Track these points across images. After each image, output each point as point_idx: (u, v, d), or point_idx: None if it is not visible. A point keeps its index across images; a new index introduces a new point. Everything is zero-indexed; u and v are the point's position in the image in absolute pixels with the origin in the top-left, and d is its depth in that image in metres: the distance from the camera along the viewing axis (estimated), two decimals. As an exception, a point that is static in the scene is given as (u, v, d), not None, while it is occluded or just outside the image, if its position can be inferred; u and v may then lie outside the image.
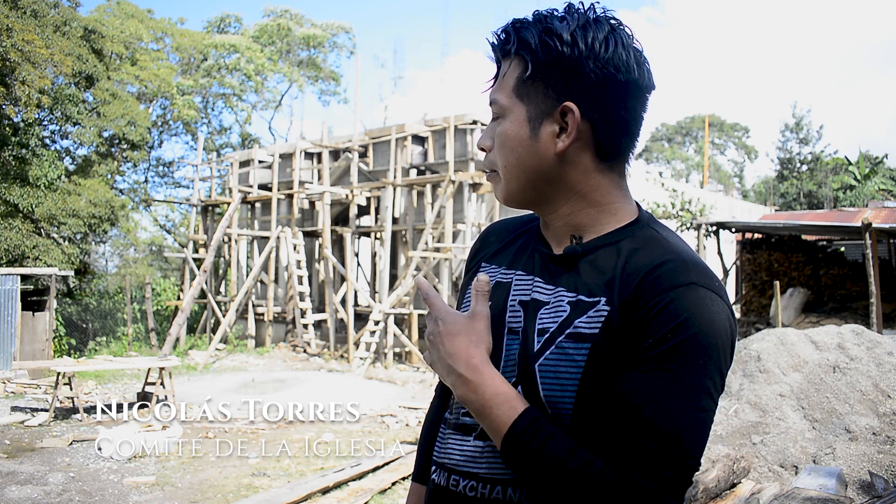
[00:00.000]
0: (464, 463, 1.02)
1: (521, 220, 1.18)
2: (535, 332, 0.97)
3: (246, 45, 25.99)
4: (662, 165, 44.58)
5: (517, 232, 1.14)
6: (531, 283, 1.02)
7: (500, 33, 1.00)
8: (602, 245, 0.98)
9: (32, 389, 10.07)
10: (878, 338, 5.87)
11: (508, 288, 1.04)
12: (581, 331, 0.92)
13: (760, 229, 16.03)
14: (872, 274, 10.26)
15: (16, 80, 12.86)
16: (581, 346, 0.91)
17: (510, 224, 1.18)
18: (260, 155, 17.84)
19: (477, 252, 1.18)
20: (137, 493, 5.40)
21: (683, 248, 0.95)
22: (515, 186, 1.02)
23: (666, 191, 19.88)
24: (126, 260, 27.77)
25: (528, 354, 0.96)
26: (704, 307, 0.86)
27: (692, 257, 0.92)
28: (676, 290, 0.86)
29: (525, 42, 0.97)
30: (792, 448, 4.68)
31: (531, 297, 1.01)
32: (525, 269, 1.05)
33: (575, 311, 0.94)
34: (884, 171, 27.87)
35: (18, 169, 15.02)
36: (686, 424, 0.84)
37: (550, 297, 0.99)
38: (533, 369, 0.94)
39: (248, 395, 9.79)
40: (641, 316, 0.87)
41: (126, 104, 18.19)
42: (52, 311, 12.40)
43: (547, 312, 0.98)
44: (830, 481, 3.66)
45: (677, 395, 0.84)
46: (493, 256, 1.13)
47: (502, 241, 1.15)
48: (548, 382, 0.93)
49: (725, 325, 0.88)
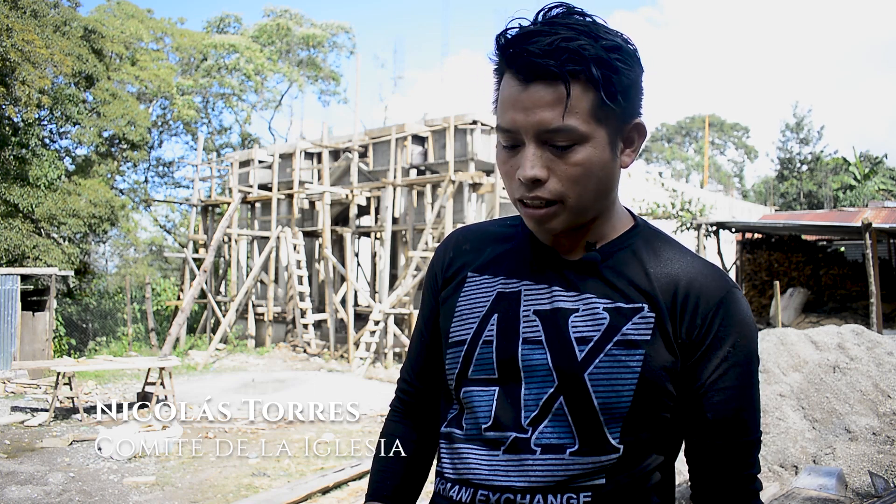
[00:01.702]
0: (494, 477, 0.99)
1: (495, 226, 1.13)
2: (572, 341, 0.97)
3: (246, 45, 25.99)
4: (662, 165, 44.58)
5: (498, 239, 1.10)
6: (549, 292, 1.00)
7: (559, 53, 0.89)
8: (617, 250, 1.01)
9: (32, 389, 10.07)
10: (878, 338, 5.86)
11: (517, 298, 1.02)
12: (631, 337, 0.96)
13: (760, 229, 16.03)
14: (872, 274, 10.26)
15: (16, 80, 12.86)
16: (634, 352, 0.95)
17: (483, 231, 1.13)
18: (260, 155, 17.84)
19: (452, 261, 1.11)
20: (137, 493, 5.40)
21: (691, 251, 1.05)
22: (583, 213, 0.97)
23: (666, 191, 19.88)
24: (126, 260, 27.77)
25: (569, 364, 0.96)
26: (747, 308, 1.00)
27: (709, 262, 1.04)
28: (726, 299, 0.98)
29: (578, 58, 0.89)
30: (792, 448, 4.68)
31: (552, 305, 0.99)
32: (534, 278, 1.02)
33: (617, 318, 0.97)
34: (884, 171, 27.86)
35: (18, 169, 15.02)
36: (759, 413, 1.01)
37: (578, 304, 0.98)
38: (583, 378, 0.95)
39: (248, 395, 9.79)
40: (700, 322, 0.96)
41: (126, 104, 18.19)
42: (52, 311, 12.40)
43: (582, 320, 0.97)
44: (830, 481, 3.66)
45: (753, 388, 0.99)
46: (484, 267, 1.07)
47: (484, 250, 1.09)
48: (601, 390, 0.95)
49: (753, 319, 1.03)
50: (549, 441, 0.97)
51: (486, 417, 1.00)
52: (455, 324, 1.05)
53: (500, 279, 1.05)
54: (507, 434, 0.98)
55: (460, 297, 1.06)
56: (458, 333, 1.05)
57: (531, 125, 0.91)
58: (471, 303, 1.05)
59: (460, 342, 1.04)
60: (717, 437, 0.98)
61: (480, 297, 1.05)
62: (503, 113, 0.95)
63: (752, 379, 0.99)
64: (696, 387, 0.97)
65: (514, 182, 0.96)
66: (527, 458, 0.97)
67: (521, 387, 0.99)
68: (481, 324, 1.03)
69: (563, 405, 0.96)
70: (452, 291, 1.08)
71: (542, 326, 0.99)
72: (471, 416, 1.02)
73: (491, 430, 1.00)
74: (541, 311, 1.00)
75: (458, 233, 1.16)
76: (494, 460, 0.99)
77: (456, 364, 1.04)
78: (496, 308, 1.02)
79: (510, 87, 0.93)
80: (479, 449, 1.01)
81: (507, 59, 0.94)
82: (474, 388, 1.02)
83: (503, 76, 0.96)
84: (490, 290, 1.04)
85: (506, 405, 0.99)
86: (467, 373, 1.03)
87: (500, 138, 0.97)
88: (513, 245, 1.07)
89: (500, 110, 0.96)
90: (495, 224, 1.14)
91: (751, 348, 0.98)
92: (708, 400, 0.97)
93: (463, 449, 1.02)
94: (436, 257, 1.15)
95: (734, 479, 0.99)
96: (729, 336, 0.96)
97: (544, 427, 0.97)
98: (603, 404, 0.95)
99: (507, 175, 0.98)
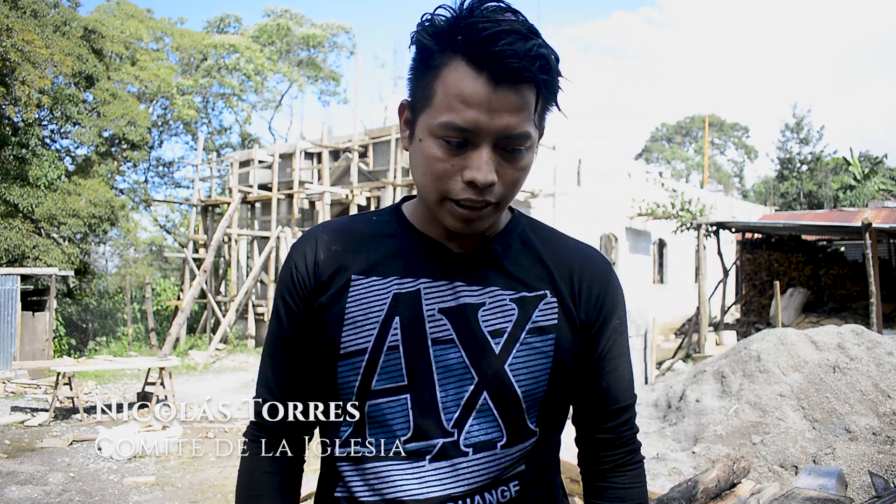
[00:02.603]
0: (427, 489, 0.94)
1: (362, 223, 1.05)
2: (486, 335, 0.96)
3: (246, 45, 25.98)
4: (662, 165, 44.58)
5: (375, 237, 1.02)
6: (451, 288, 0.97)
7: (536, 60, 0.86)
8: (509, 240, 1.02)
9: (32, 389, 10.07)
10: (878, 338, 5.86)
11: (417, 297, 0.96)
12: (541, 324, 0.98)
13: (760, 229, 16.03)
14: (872, 274, 10.26)
15: (16, 80, 12.85)
16: (546, 338, 0.98)
17: (351, 229, 1.04)
18: (260, 155, 17.84)
19: (323, 264, 1.00)
20: (137, 493, 5.40)
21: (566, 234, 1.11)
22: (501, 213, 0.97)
23: (666, 191, 19.89)
24: (126, 260, 27.76)
25: (488, 358, 0.95)
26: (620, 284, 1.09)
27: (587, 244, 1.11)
28: (611, 277, 1.06)
29: (546, 67, 0.87)
30: (792, 448, 4.68)
31: (458, 302, 0.97)
32: (432, 275, 0.98)
33: (524, 307, 0.98)
34: (884, 171, 27.86)
35: (18, 169, 15.01)
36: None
37: (484, 297, 0.98)
38: (504, 370, 0.96)
39: (248, 395, 9.74)
40: (595, 301, 1.03)
41: (126, 104, 18.18)
42: (52, 311, 12.40)
43: (491, 313, 0.97)
44: (830, 481, 3.66)
45: (629, 354, 1.08)
46: (369, 268, 0.99)
47: (361, 251, 1.01)
48: (523, 378, 0.96)
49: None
50: (479, 439, 0.96)
51: (405, 429, 0.95)
52: (347, 333, 0.96)
53: (394, 279, 0.98)
54: (432, 442, 0.94)
55: (348, 304, 0.97)
56: (354, 343, 0.96)
57: (495, 128, 0.87)
58: (363, 308, 0.97)
59: (358, 352, 0.96)
60: (609, 403, 1.05)
61: (374, 301, 0.97)
62: (461, 109, 0.87)
63: (628, 346, 1.10)
64: (593, 359, 1.04)
65: (454, 182, 0.90)
66: (460, 462, 0.95)
67: (436, 389, 0.94)
68: (382, 329, 0.95)
69: (487, 400, 0.95)
70: (334, 298, 0.98)
71: (451, 324, 0.96)
72: (382, 430, 0.96)
73: (412, 442, 0.94)
74: (446, 308, 0.96)
75: (320, 233, 1.04)
76: (422, 472, 0.94)
77: (356, 376, 0.96)
78: (395, 311, 0.96)
79: (474, 84, 0.86)
80: (400, 464, 0.95)
81: (470, 50, 0.86)
82: (382, 399, 0.95)
83: (449, 68, 0.88)
84: (384, 293, 0.97)
85: (423, 412, 0.94)
86: (370, 384, 0.95)
87: (446, 134, 0.88)
88: (397, 242, 1.01)
89: (454, 105, 0.87)
90: (361, 221, 1.05)
91: (626, 320, 1.09)
92: (602, 370, 1.04)
93: (379, 467, 0.95)
94: (296, 261, 1.02)
95: (624, 438, 1.06)
96: (615, 310, 1.05)
97: (471, 426, 0.95)
98: (525, 391, 0.96)
99: (445, 174, 0.90)
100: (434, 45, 0.89)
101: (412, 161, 0.97)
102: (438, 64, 0.89)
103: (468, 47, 0.87)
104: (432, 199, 0.94)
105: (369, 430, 0.97)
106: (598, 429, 1.06)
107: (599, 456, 1.07)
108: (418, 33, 0.91)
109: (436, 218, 0.97)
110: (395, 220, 1.04)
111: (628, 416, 1.07)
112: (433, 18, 0.89)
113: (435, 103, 0.90)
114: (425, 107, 0.91)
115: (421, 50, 0.91)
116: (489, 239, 1.01)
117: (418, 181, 0.95)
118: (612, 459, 1.06)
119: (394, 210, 1.07)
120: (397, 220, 1.04)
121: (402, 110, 0.98)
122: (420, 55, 0.92)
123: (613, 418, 1.05)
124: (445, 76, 0.88)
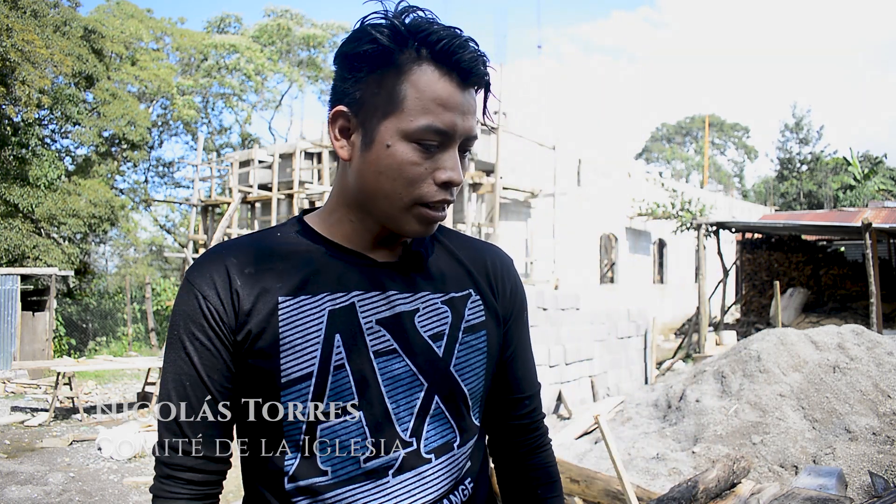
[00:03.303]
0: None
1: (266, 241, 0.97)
2: (427, 341, 0.96)
3: (246, 45, 25.99)
4: (662, 165, 44.60)
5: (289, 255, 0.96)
6: (384, 298, 0.95)
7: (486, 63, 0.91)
8: (424, 246, 1.04)
9: (32, 389, 10.07)
10: (878, 338, 5.86)
11: (353, 311, 0.93)
12: (472, 322, 1.01)
13: (760, 229, 16.03)
14: (872, 274, 10.26)
15: (16, 80, 12.85)
16: (479, 335, 1.01)
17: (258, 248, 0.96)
18: (260, 155, 17.84)
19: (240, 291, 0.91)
20: (137, 493, 5.40)
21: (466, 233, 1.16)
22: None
23: (666, 191, 19.90)
24: (126, 260, 27.76)
25: (434, 363, 0.96)
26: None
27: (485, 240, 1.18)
28: (516, 273, 1.12)
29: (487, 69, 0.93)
30: (792, 448, 4.68)
31: (393, 311, 0.95)
32: (362, 287, 0.94)
33: (455, 308, 1.00)
34: (884, 171, 27.86)
35: (18, 169, 15.02)
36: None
37: (417, 303, 0.97)
38: (450, 372, 0.97)
39: (248, 395, 9.77)
40: (509, 295, 1.08)
41: (126, 104, 18.18)
42: (52, 311, 12.40)
43: (426, 318, 0.98)
44: (830, 481, 3.66)
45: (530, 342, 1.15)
46: (296, 288, 0.93)
47: (279, 270, 0.94)
48: (468, 378, 0.99)
49: None
50: (437, 443, 0.96)
51: (362, 447, 0.91)
52: (287, 359, 0.90)
53: (325, 296, 0.93)
54: (394, 455, 0.92)
55: (281, 328, 0.90)
56: (297, 368, 0.90)
57: (464, 130, 0.90)
58: (298, 331, 0.91)
59: (303, 377, 0.90)
60: (522, 391, 1.11)
61: (309, 322, 0.91)
62: (439, 112, 0.87)
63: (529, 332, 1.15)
64: (509, 352, 1.09)
65: (427, 185, 0.90)
66: (425, 470, 0.94)
67: (386, 401, 0.92)
68: (325, 349, 0.90)
69: (439, 404, 0.96)
70: (263, 323, 0.90)
71: (391, 335, 0.94)
72: (339, 454, 0.91)
73: (372, 459, 0.91)
74: (382, 319, 0.94)
75: (225, 255, 0.94)
76: (386, 488, 0.92)
77: (304, 403, 0.90)
78: (334, 328, 0.92)
79: (445, 88, 0.88)
80: (362, 485, 0.91)
81: (438, 55, 0.88)
82: (335, 421, 0.91)
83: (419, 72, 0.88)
84: (318, 311, 0.92)
85: (378, 427, 0.92)
86: (319, 408, 0.91)
87: (424, 137, 0.88)
88: (318, 257, 0.96)
89: (432, 108, 0.87)
90: (265, 238, 0.98)
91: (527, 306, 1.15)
92: (515, 361, 1.10)
93: (342, 494, 0.91)
94: (203, 292, 0.91)
95: (537, 423, 1.13)
96: (524, 302, 1.12)
97: (427, 433, 0.95)
98: (471, 390, 1.00)
99: (419, 177, 0.89)
100: (391, 42, 0.88)
101: (365, 169, 0.91)
102: (400, 63, 0.88)
103: (434, 51, 0.88)
104: (400, 205, 0.91)
105: (322, 456, 0.91)
106: (512, 416, 1.11)
107: (517, 442, 1.12)
108: (367, 31, 0.89)
109: (390, 225, 0.94)
110: (305, 234, 0.98)
111: (538, 402, 1.14)
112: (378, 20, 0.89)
113: (407, 107, 0.88)
114: (391, 111, 0.88)
115: (373, 49, 0.88)
116: (408, 245, 1.01)
117: (380, 189, 0.91)
118: (528, 443, 1.12)
119: (297, 223, 1.01)
120: (307, 234, 0.98)
121: (337, 118, 0.93)
122: (372, 55, 0.88)
123: (526, 406, 1.11)
124: (416, 79, 0.88)
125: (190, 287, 0.92)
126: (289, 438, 0.92)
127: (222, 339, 0.91)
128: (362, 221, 0.96)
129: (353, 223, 0.97)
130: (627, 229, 19.63)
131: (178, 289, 0.95)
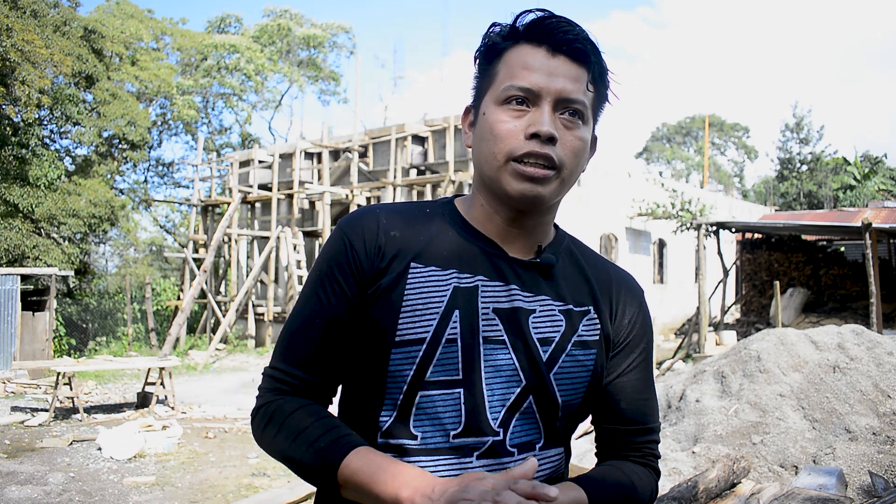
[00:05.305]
0: None
1: (412, 211, 1.04)
2: (535, 342, 0.98)
3: (246, 45, 25.99)
4: (662, 165, 44.59)
5: (429, 226, 1.02)
6: (507, 291, 0.98)
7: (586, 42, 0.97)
8: (557, 254, 1.05)
9: (32, 389, 10.07)
10: (878, 338, 5.86)
11: (475, 293, 0.97)
12: (585, 338, 1.02)
13: (760, 229, 16.03)
14: (872, 274, 10.26)
15: (16, 80, 12.85)
16: (588, 352, 1.02)
17: (404, 214, 1.03)
18: (260, 155, 17.84)
19: (383, 248, 0.98)
20: (137, 493, 5.40)
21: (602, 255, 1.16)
22: (561, 193, 0.99)
23: (666, 191, 19.89)
24: (126, 260, 27.76)
25: (536, 365, 0.97)
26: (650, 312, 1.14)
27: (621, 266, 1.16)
28: (643, 302, 1.11)
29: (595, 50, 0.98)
30: (792, 448, 4.68)
31: (512, 304, 0.98)
32: (488, 274, 0.98)
33: (571, 320, 1.01)
34: (884, 171, 27.86)
35: (18, 169, 15.01)
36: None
37: (535, 305, 1.00)
38: (549, 378, 0.98)
39: (249, 394, 9.78)
40: (626, 323, 1.07)
41: (126, 104, 18.18)
42: (52, 311, 12.39)
43: (541, 321, 0.99)
44: (830, 481, 3.66)
45: (653, 379, 1.11)
46: (429, 257, 0.98)
47: (417, 238, 1.00)
48: (564, 388, 0.99)
49: None
50: (522, 440, 0.98)
51: (456, 423, 0.94)
52: (405, 320, 0.95)
53: (453, 272, 0.97)
54: (483, 439, 0.94)
55: (407, 291, 0.96)
56: (412, 331, 0.94)
57: (554, 90, 0.95)
58: (422, 297, 0.96)
59: (416, 341, 0.94)
60: (628, 423, 1.07)
61: (434, 292, 0.96)
62: (522, 76, 0.95)
63: (652, 371, 1.11)
64: (611, 378, 1.06)
65: (517, 140, 0.94)
66: (507, 462, 0.96)
67: (483, 388, 0.94)
68: (442, 321, 0.94)
69: (532, 404, 0.98)
70: (393, 283, 0.96)
71: (503, 326, 0.97)
72: (431, 423, 0.94)
73: (462, 437, 0.94)
74: (500, 309, 0.97)
75: (378, 215, 1.02)
76: (469, 468, 0.93)
77: (410, 366, 0.94)
78: (455, 304, 0.95)
79: (532, 56, 0.96)
80: (446, 458, 0.94)
81: (529, 34, 0.97)
82: (435, 391, 0.94)
83: (512, 51, 0.98)
84: (444, 284, 0.96)
85: (474, 408, 0.94)
86: (425, 374, 0.94)
87: (509, 95, 0.95)
88: (454, 236, 1.01)
89: (517, 72, 0.96)
90: (413, 211, 1.05)
91: (653, 344, 1.13)
92: (621, 391, 1.06)
93: (424, 461, 0.93)
94: (352, 239, 0.99)
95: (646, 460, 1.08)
96: (643, 337, 1.10)
97: (514, 427, 0.97)
98: (564, 400, 0.99)
99: (510, 134, 0.94)
100: (501, 40, 0.99)
101: (475, 145, 1.01)
102: (502, 49, 0.99)
103: (528, 32, 0.97)
104: (496, 164, 0.96)
105: (415, 421, 0.95)
106: (622, 446, 1.08)
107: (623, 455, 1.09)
108: (485, 34, 1.00)
109: (498, 190, 0.98)
110: (450, 214, 1.05)
111: (651, 439, 1.08)
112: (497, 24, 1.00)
113: (498, 80, 0.98)
114: (488, 88, 0.99)
115: (488, 48, 1.00)
116: (541, 249, 1.04)
117: (482, 155, 0.98)
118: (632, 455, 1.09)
119: (447, 204, 1.07)
120: (451, 214, 1.05)
121: (467, 113, 1.05)
122: (484, 52, 1.01)
123: (635, 441, 1.07)
124: (508, 56, 0.98)
125: (341, 234, 1.01)
126: (389, 396, 0.96)
127: (355, 285, 0.98)
128: (490, 203, 1.01)
129: (483, 207, 1.03)
130: (627, 229, 19.62)
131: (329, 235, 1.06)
